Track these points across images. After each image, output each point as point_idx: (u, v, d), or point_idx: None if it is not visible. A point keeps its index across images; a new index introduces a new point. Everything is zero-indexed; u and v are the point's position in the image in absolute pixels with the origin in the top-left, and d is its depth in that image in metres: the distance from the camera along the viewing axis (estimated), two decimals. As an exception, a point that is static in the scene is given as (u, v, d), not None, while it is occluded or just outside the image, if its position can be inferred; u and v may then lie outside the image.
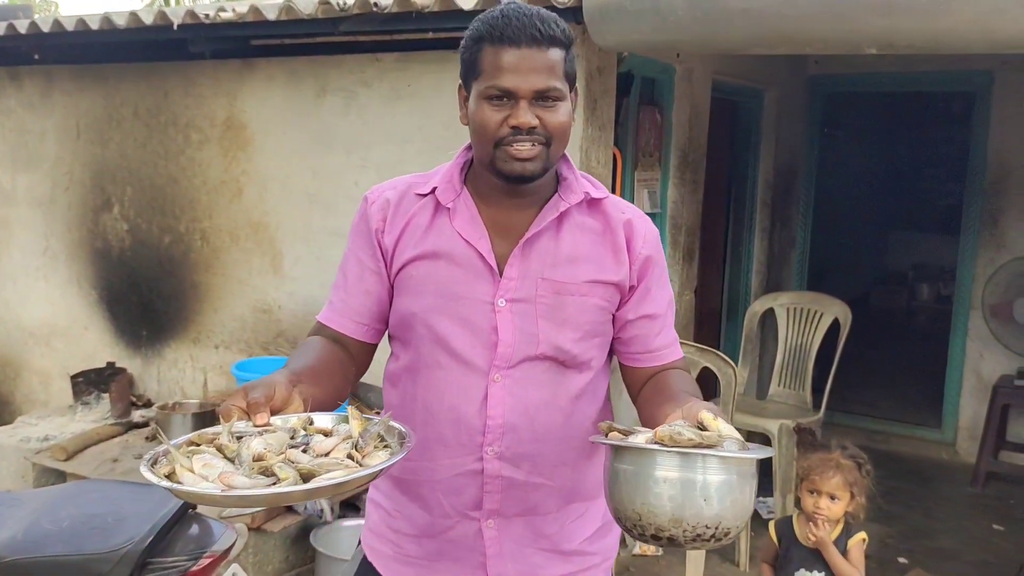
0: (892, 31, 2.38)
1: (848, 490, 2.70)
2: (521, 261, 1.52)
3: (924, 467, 5.25)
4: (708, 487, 1.17)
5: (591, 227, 1.56)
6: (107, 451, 4.01)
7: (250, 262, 4.26)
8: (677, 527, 1.17)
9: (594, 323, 1.55)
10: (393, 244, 1.57)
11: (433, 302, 1.53)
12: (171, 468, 1.20)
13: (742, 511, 1.20)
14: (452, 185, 1.56)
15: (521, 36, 1.41)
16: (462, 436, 1.54)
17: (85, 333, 4.88)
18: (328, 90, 3.94)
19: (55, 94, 4.81)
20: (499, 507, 1.57)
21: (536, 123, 1.43)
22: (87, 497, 2.35)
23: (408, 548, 1.65)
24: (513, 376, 1.52)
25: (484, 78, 1.45)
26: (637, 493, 1.19)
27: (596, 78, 3.42)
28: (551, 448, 1.56)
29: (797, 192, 5.73)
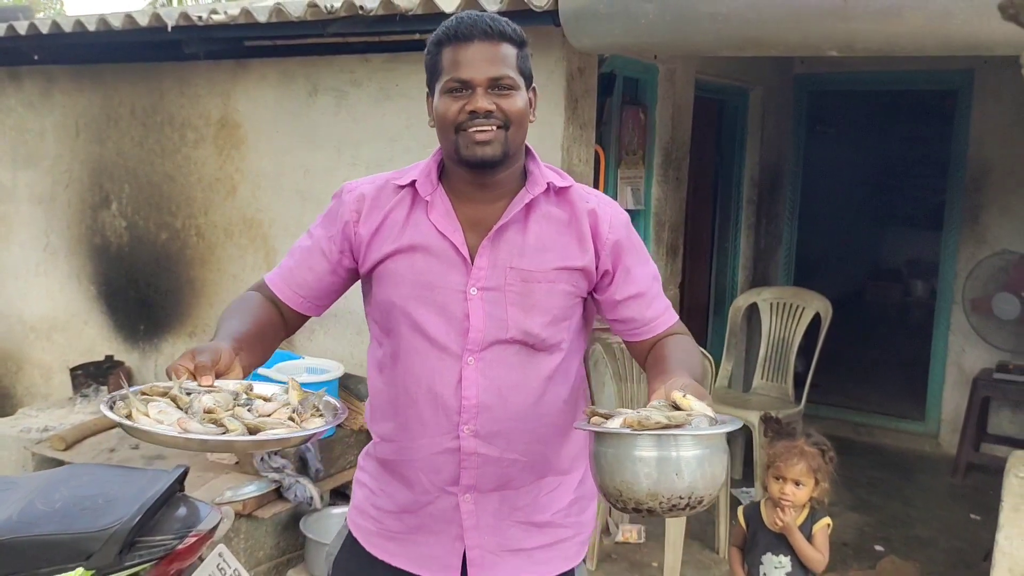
0: (850, 34, 2.48)
1: (812, 476, 2.78)
2: (490, 252, 1.62)
3: (907, 459, 5.34)
4: (679, 462, 1.30)
5: (557, 216, 1.66)
6: (104, 441, 4.11)
7: (244, 257, 4.36)
8: (654, 500, 1.30)
9: (562, 308, 1.65)
10: (369, 237, 1.67)
11: (411, 291, 1.63)
12: (128, 412, 1.33)
13: (713, 480, 1.33)
14: (430, 179, 1.66)
15: (473, 32, 1.55)
16: (440, 416, 1.64)
17: (84, 327, 5.00)
18: (319, 90, 4.04)
19: (55, 93, 4.92)
20: (475, 482, 1.67)
21: (492, 107, 1.54)
22: (79, 480, 2.46)
23: (390, 524, 1.75)
24: (485, 359, 1.62)
25: (444, 74, 1.57)
26: (616, 472, 1.32)
27: (577, 78, 3.52)
28: (524, 426, 1.66)
29: (783, 189, 5.82)
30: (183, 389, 1.36)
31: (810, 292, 4.82)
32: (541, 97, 3.52)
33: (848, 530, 4.24)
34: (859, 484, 4.74)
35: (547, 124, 3.50)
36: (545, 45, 3.44)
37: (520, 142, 1.62)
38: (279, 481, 3.55)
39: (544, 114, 3.49)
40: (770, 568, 2.82)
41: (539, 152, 3.57)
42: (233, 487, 3.50)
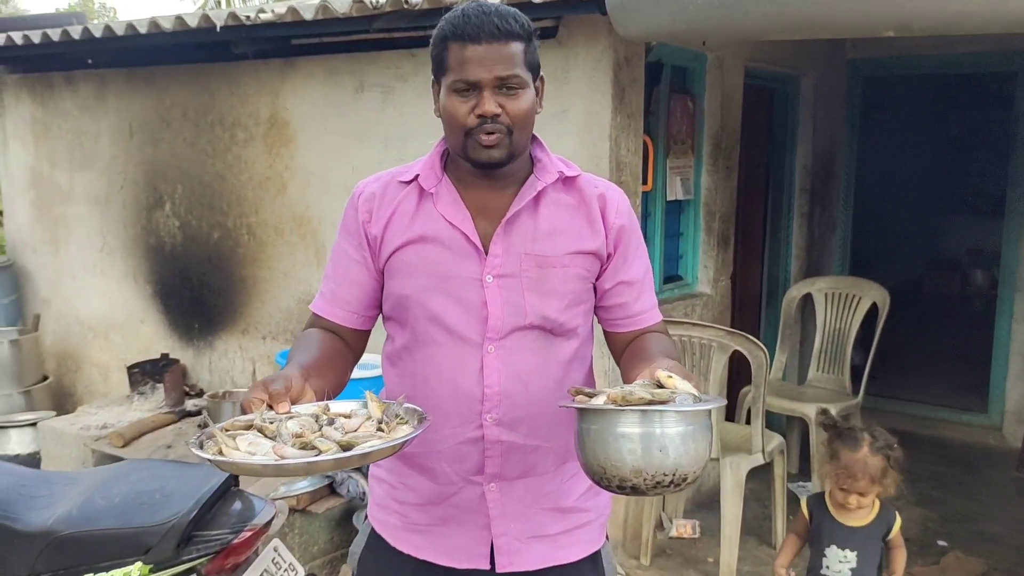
0: (909, 13, 2.39)
1: (879, 484, 2.72)
2: (504, 239, 1.63)
3: (969, 452, 5.20)
4: (663, 439, 1.29)
5: (567, 202, 1.68)
6: (161, 438, 4.19)
7: (294, 255, 4.40)
8: (638, 476, 1.30)
9: (577, 292, 1.67)
10: (380, 232, 1.68)
11: (425, 283, 1.64)
12: (217, 449, 1.31)
13: (697, 457, 1.33)
14: (434, 172, 1.68)
15: (480, 32, 1.53)
16: (462, 406, 1.64)
17: (141, 326, 5.08)
18: (366, 86, 4.05)
19: (109, 96, 5.01)
20: (500, 470, 1.68)
21: (499, 111, 1.55)
22: (137, 475, 2.49)
23: (415, 517, 1.74)
24: (505, 346, 1.63)
25: (451, 73, 1.56)
26: (600, 449, 1.32)
27: (624, 68, 3.47)
28: (545, 411, 1.66)
29: (837, 177, 5.69)
30: (265, 419, 1.35)
31: (867, 281, 4.71)
32: (588, 87, 3.50)
33: (911, 525, 4.13)
34: (921, 478, 4.61)
35: (594, 114, 3.46)
36: (591, 34, 3.40)
37: (526, 140, 1.64)
38: (332, 476, 3.58)
39: (591, 104, 3.45)
40: (834, 561, 2.76)
41: (587, 141, 3.58)
42: (287, 483, 3.53)
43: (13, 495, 2.41)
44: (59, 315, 5.48)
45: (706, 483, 4.46)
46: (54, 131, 5.29)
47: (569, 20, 3.41)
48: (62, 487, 2.47)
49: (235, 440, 1.32)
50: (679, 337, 3.56)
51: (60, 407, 5.29)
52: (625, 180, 3.55)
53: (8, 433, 4.80)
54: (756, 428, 3.61)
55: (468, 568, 1.72)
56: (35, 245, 5.54)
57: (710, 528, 4.01)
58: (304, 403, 1.41)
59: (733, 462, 3.58)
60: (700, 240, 4.30)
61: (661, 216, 4.03)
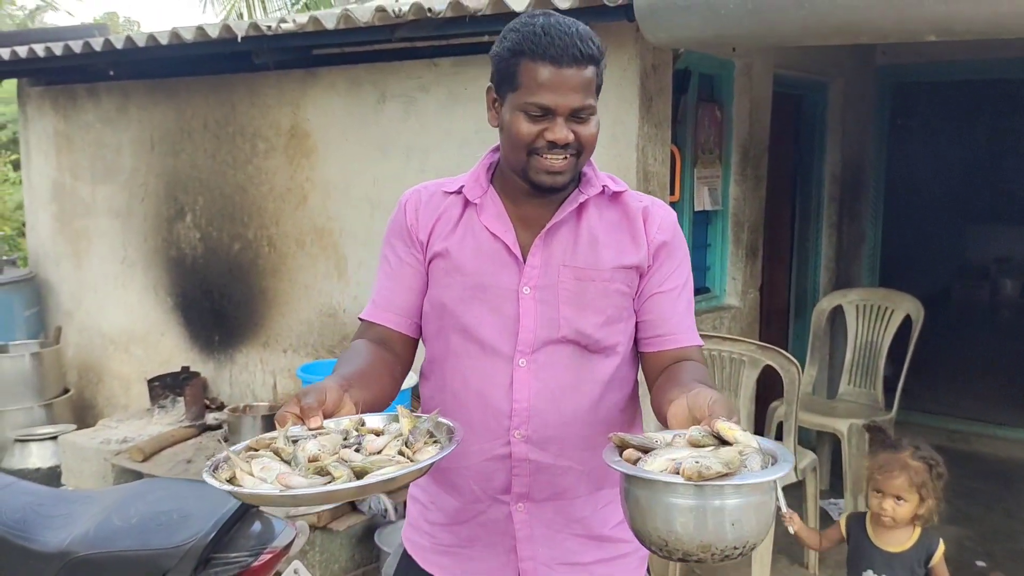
0: (951, 16, 2.31)
1: (916, 492, 2.61)
2: (543, 250, 1.58)
3: (1007, 468, 5.06)
4: (734, 512, 1.19)
5: (610, 217, 1.62)
6: (182, 452, 4.15)
7: (315, 267, 4.35)
8: (705, 552, 1.20)
9: (617, 308, 1.60)
10: (426, 238, 1.64)
11: (461, 293, 1.59)
12: (232, 472, 1.26)
13: (766, 524, 1.23)
14: (479, 183, 1.63)
15: (563, 57, 1.45)
16: (490, 421, 1.59)
17: (161, 339, 5.05)
18: (387, 96, 4.01)
19: (130, 108, 4.99)
20: (528, 490, 1.61)
21: (571, 139, 1.49)
22: (155, 495, 2.44)
23: (443, 538, 1.70)
24: (537, 360, 1.57)
25: (522, 92, 1.48)
26: (661, 521, 1.21)
27: (651, 76, 3.40)
28: (578, 432, 1.59)
29: (866, 186, 5.58)
30: (288, 439, 1.30)
31: (899, 293, 4.60)
32: (615, 96, 3.43)
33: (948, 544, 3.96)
34: (957, 495, 4.48)
35: (621, 124, 3.39)
36: (618, 42, 3.33)
37: (586, 162, 1.58)
38: (353, 493, 3.51)
39: (618, 113, 3.38)
40: None
41: (613, 152, 3.50)
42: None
43: (30, 515, 2.37)
44: (81, 327, 5.46)
45: (735, 500, 4.36)
46: (76, 144, 5.28)
47: (595, 28, 3.31)
48: (79, 507, 2.42)
49: (249, 464, 1.26)
50: (708, 352, 3.47)
51: (81, 420, 5.28)
52: (652, 190, 3.48)
53: (29, 447, 4.78)
54: (788, 445, 3.51)
55: None
56: (57, 258, 5.53)
57: (740, 547, 3.91)
58: (342, 415, 1.35)
59: (765, 480, 3.48)
60: (728, 251, 4.21)
61: (689, 227, 3.95)
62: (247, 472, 1.25)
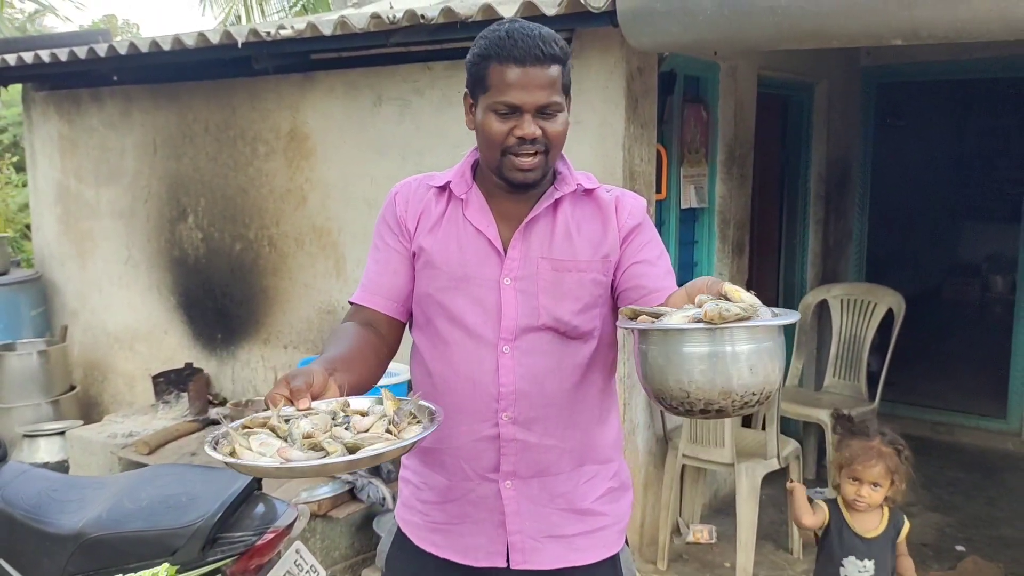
0: (914, 22, 2.43)
1: (890, 477, 2.72)
2: (522, 243, 1.71)
3: (988, 458, 5.19)
4: (751, 356, 1.25)
5: (583, 211, 1.74)
6: (186, 446, 4.25)
7: (314, 266, 4.47)
8: (726, 398, 1.25)
9: (592, 296, 1.71)
10: (413, 227, 1.76)
11: (447, 284, 1.71)
12: (231, 448, 1.36)
13: (780, 370, 1.30)
14: (464, 180, 1.76)
15: (526, 57, 1.57)
16: (478, 404, 1.70)
17: (165, 337, 5.17)
18: (384, 99, 4.13)
19: (133, 112, 5.11)
20: (515, 468, 1.73)
21: (538, 134, 1.61)
22: (163, 479, 2.57)
23: (435, 515, 1.80)
24: (519, 347, 1.69)
25: (492, 94, 1.61)
26: (683, 372, 1.26)
27: (636, 78, 3.53)
28: (560, 412, 1.72)
29: (852, 184, 5.70)
30: (281, 417, 1.40)
31: (882, 287, 4.72)
32: (601, 98, 3.55)
33: (928, 530, 4.14)
34: (939, 484, 4.62)
35: (608, 125, 3.51)
36: (604, 46, 3.46)
37: (556, 158, 1.70)
38: (352, 482, 3.63)
39: (604, 115, 3.51)
40: (852, 571, 2.75)
41: (600, 152, 3.62)
42: (308, 488, 3.59)
43: (45, 499, 2.49)
44: (86, 326, 5.58)
45: (722, 488, 4.49)
46: (80, 147, 5.40)
47: (582, 33, 3.47)
48: (91, 491, 2.54)
49: (248, 440, 1.37)
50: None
51: (87, 416, 5.38)
52: (639, 189, 3.60)
53: (37, 442, 4.90)
54: (771, 434, 3.64)
55: (486, 567, 1.77)
56: (62, 258, 5.65)
57: (726, 533, 4.03)
58: (327, 398, 1.46)
59: (749, 467, 3.61)
60: (715, 248, 4.33)
61: (675, 225, 4.07)
62: (246, 447, 1.36)
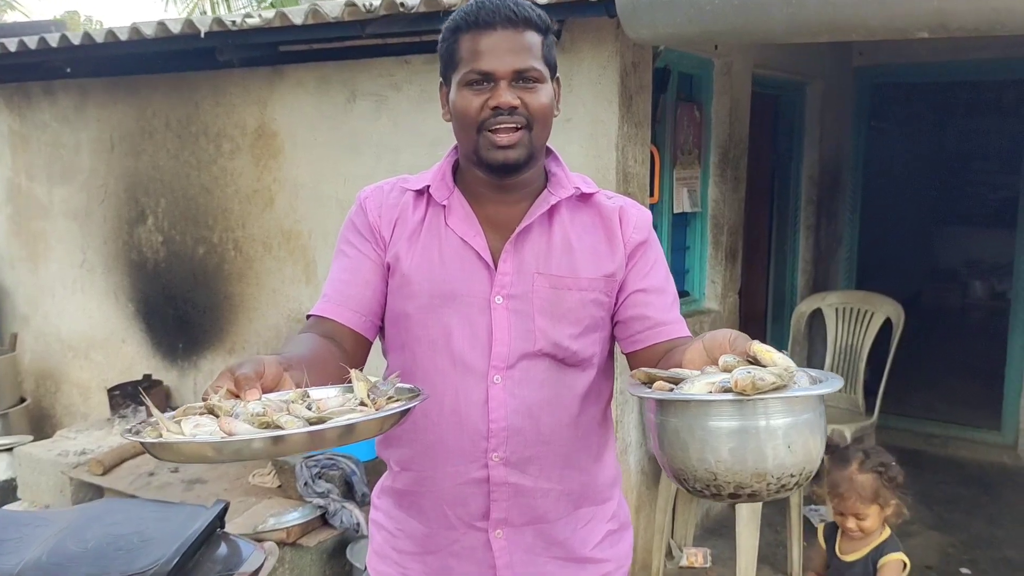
0: (944, 12, 2.23)
1: (873, 503, 2.56)
2: (514, 256, 1.48)
3: (985, 471, 5.03)
4: (790, 431, 1.06)
5: (583, 220, 1.52)
6: (143, 465, 3.99)
7: (283, 271, 4.21)
8: (760, 481, 1.07)
9: (593, 318, 1.50)
10: (388, 236, 1.52)
11: (428, 301, 1.47)
12: (157, 434, 1.08)
13: (821, 447, 1.11)
14: (445, 183, 1.52)
15: (495, 18, 1.40)
16: (465, 442, 1.48)
17: (122, 345, 4.88)
18: (358, 95, 3.88)
19: (89, 107, 4.82)
20: (507, 515, 1.51)
21: (517, 103, 1.40)
22: (113, 517, 2.29)
23: (412, 568, 1.58)
24: (513, 376, 1.46)
25: (463, 65, 1.42)
26: (708, 450, 1.07)
27: (631, 74, 3.30)
28: (558, 450, 1.50)
29: (843, 188, 5.54)
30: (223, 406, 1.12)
31: (880, 296, 4.54)
32: (593, 94, 3.32)
33: (931, 552, 3.96)
34: (937, 500, 4.45)
35: (600, 123, 3.29)
36: (597, 39, 3.23)
37: (544, 140, 1.48)
38: (324, 507, 3.39)
39: (597, 112, 3.28)
40: None
41: (593, 152, 3.39)
42: (276, 514, 3.35)
43: (-23, 539, 2.22)
44: (38, 334, 5.27)
45: (714, 507, 4.28)
46: (32, 143, 5.09)
47: (573, 24, 3.24)
48: (32, 529, 2.27)
49: (180, 425, 1.09)
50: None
51: (38, 429, 5.09)
52: (632, 192, 3.38)
53: (-18, 459, 4.58)
54: (772, 453, 3.42)
55: None
56: (13, 261, 5.33)
57: (721, 556, 3.83)
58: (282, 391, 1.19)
59: (748, 489, 3.39)
60: (707, 254, 4.13)
61: (668, 229, 3.86)
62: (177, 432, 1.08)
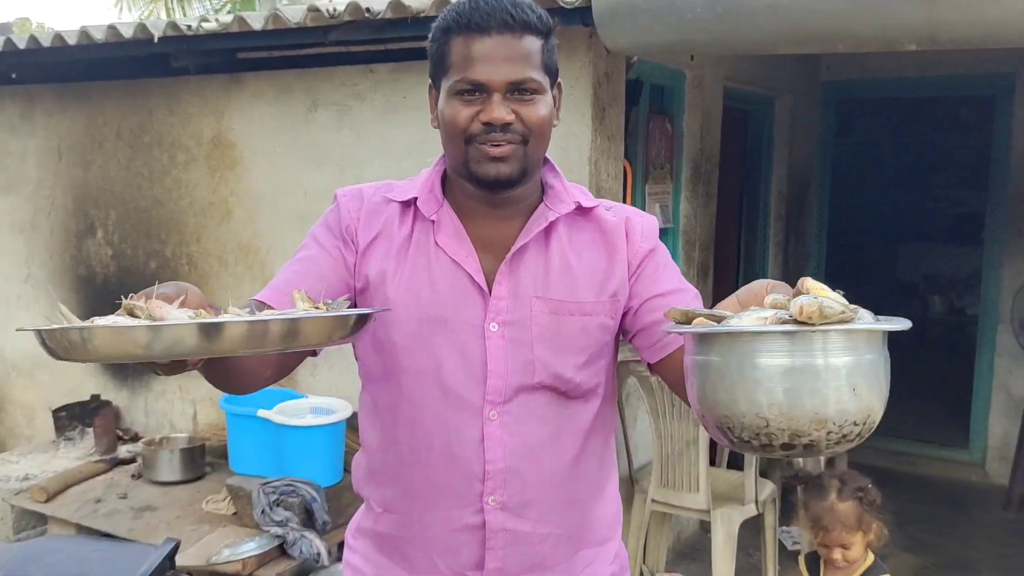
0: (934, 24, 2.16)
1: (856, 530, 2.49)
2: (510, 278, 1.34)
3: (954, 490, 5.00)
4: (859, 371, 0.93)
5: (582, 237, 1.39)
6: (90, 491, 3.79)
7: (240, 287, 4.04)
8: (820, 428, 0.93)
9: (598, 345, 1.37)
10: (365, 245, 1.37)
11: (416, 329, 1.33)
12: None
13: (885, 395, 0.98)
14: (434, 195, 1.38)
15: (491, 22, 1.26)
16: (457, 485, 1.34)
17: (69, 365, 4.64)
18: (319, 104, 3.74)
19: (36, 115, 4.61)
20: (503, 564, 1.37)
21: (511, 118, 1.26)
22: (53, 557, 2.13)
23: None
24: (511, 412, 1.33)
25: (453, 72, 1.28)
26: (762, 392, 0.92)
27: (604, 85, 3.21)
28: (558, 492, 1.38)
29: (811, 204, 5.51)
30: None
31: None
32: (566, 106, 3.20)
33: (906, 574, 3.89)
34: (909, 521, 4.38)
35: (572, 136, 3.18)
36: (569, 48, 3.12)
37: (541, 154, 1.35)
38: (282, 536, 3.22)
39: (570, 124, 3.17)
40: None
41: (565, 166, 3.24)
42: (231, 544, 3.18)
43: (-99, 583, 2.03)
44: (-21, 352, 5.03)
45: (686, 530, 4.19)
46: (-26, 152, 4.87)
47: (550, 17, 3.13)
48: (-38, 571, 2.09)
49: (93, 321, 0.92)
50: (665, 378, 3.27)
51: (-21, 453, 4.84)
52: (605, 207, 3.28)
53: (-82, 486, 4.33)
54: (749, 476, 3.33)
55: None
56: (-48, 276, 5.08)
57: (694, 582, 3.73)
58: None
59: (725, 514, 3.30)
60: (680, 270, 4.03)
61: (640, 245, 3.76)
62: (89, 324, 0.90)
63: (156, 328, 0.87)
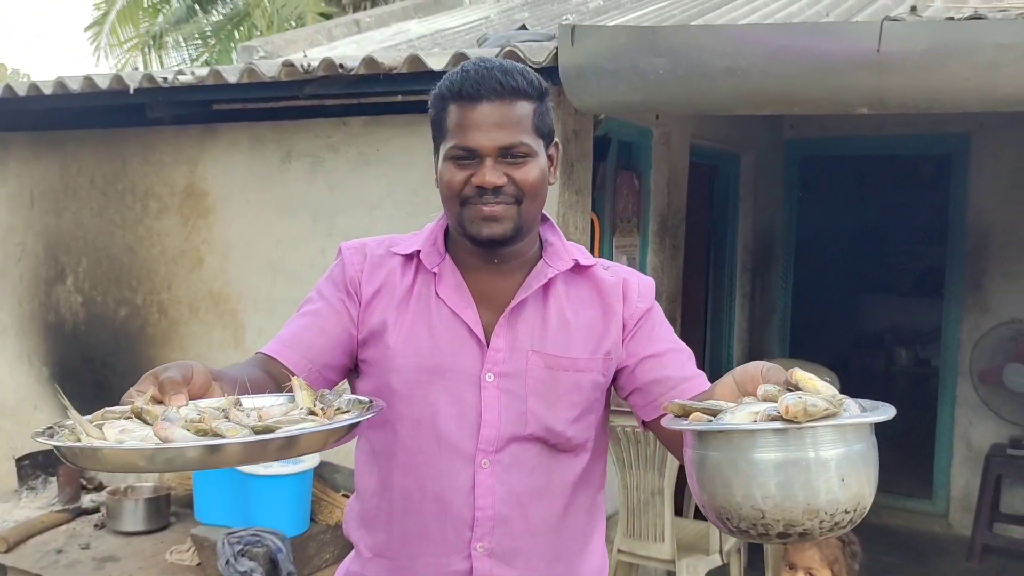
0: (883, 89, 2.27)
1: (828, 568, 2.52)
2: (508, 331, 1.39)
3: (917, 541, 5.05)
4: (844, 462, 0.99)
5: (579, 294, 1.44)
6: (52, 541, 3.73)
7: (210, 335, 4.05)
8: (813, 518, 0.98)
9: (590, 400, 1.41)
10: (369, 298, 1.42)
11: (415, 377, 1.38)
12: (75, 439, 0.99)
13: (874, 481, 1.05)
14: (436, 248, 1.44)
15: (481, 90, 1.32)
16: (447, 531, 1.37)
17: (35, 412, 4.62)
18: (293, 155, 3.80)
19: (9, 162, 4.63)
20: None
21: (502, 182, 1.32)
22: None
23: None
24: (502, 461, 1.37)
25: (449, 137, 1.35)
26: (755, 485, 0.98)
27: (573, 141, 3.29)
28: (546, 541, 1.41)
29: (776, 257, 5.63)
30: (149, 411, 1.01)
31: (814, 365, 4.56)
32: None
33: (870, 625, 3.91)
34: (873, 572, 4.40)
35: (541, 190, 3.26)
36: (539, 106, 3.22)
37: (536, 213, 1.40)
38: (261, 575, 3.19)
39: (538, 179, 3.25)
40: None
41: (534, 220, 3.33)
42: None
43: None
44: (-58, 399, 4.96)
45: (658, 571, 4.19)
46: (-55, 198, 4.86)
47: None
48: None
49: (101, 430, 0.99)
50: (630, 428, 3.31)
51: (-62, 503, 4.75)
52: (573, 259, 3.35)
53: None
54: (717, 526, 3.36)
55: None
56: (-82, 321, 5.04)
57: (661, 632, 3.73)
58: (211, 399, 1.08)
59: (690, 565, 3.32)
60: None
61: (607, 297, 3.83)
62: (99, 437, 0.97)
63: (162, 449, 0.94)
